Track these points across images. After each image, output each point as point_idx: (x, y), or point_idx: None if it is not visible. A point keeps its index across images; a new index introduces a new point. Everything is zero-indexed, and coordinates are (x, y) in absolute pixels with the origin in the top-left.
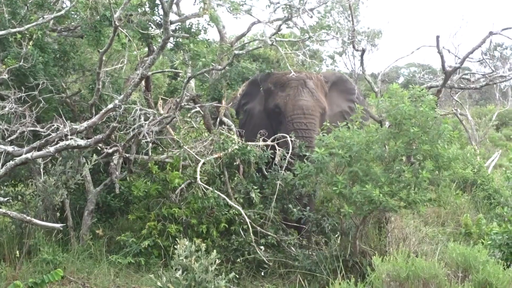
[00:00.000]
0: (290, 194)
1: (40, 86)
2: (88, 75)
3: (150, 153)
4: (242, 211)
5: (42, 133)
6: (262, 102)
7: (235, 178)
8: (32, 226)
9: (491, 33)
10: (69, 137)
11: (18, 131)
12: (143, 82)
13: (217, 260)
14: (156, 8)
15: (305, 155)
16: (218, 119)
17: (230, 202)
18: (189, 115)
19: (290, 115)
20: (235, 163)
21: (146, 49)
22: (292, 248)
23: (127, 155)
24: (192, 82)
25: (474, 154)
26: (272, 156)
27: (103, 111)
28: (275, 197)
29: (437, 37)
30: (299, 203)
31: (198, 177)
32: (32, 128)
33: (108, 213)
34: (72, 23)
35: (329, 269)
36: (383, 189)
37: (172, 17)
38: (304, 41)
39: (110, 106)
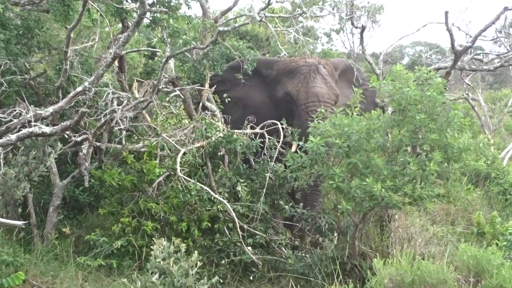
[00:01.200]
0: (281, 188)
1: (1, 66)
2: (55, 54)
3: (124, 142)
4: (228, 206)
5: (3, 119)
6: (265, 91)
7: (220, 170)
8: None
9: (506, 9)
10: (32, 123)
11: None
12: (116, 62)
13: (198, 262)
14: None
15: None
16: (201, 104)
17: (214, 195)
18: (167, 99)
19: (304, 103)
20: (219, 153)
21: (120, 25)
22: (284, 249)
23: (98, 144)
24: (171, 63)
25: (488, 144)
26: (262, 145)
27: (71, 94)
28: (264, 191)
29: (446, 12)
30: (291, 198)
31: (178, 168)
32: None
33: (76, 209)
34: None
35: (324, 273)
36: (386, 183)
37: None
38: (297, 17)
39: (79, 89)
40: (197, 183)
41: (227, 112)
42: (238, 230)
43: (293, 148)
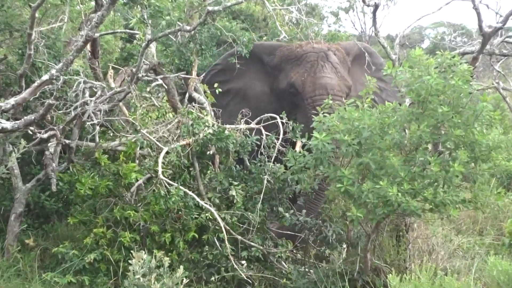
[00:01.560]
0: (281, 193)
1: None
2: (17, 37)
3: (97, 139)
4: (216, 213)
5: None
6: (266, 81)
7: (209, 172)
8: None
9: None
10: None
11: None
12: (88, 46)
13: (184, 279)
14: None
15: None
16: (187, 95)
17: (201, 202)
18: (148, 89)
19: (311, 96)
20: (208, 152)
21: (93, 3)
22: (284, 263)
23: (67, 141)
24: (153, 47)
25: None
26: (258, 143)
27: (36, 84)
28: (261, 196)
29: None
30: (292, 204)
31: (160, 170)
32: None
33: (42, 217)
34: None
35: None
36: (403, 186)
37: None
38: None
39: (45, 77)
40: (182, 188)
41: (224, 105)
42: (226, 241)
43: (297, 148)
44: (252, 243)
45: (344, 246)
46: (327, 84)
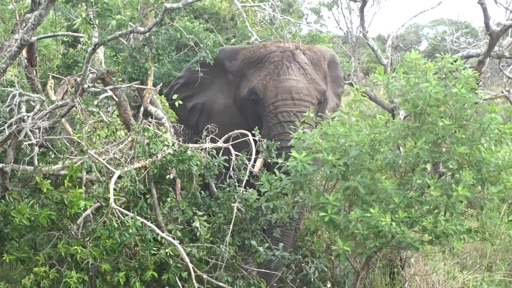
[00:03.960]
0: (254, 224)
1: None
2: None
3: (36, 162)
4: (180, 248)
5: None
6: (229, 91)
7: (169, 200)
8: None
9: None
10: None
11: None
12: (24, 52)
13: None
14: None
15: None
16: (142, 109)
17: (163, 235)
18: (96, 102)
19: (273, 102)
20: (168, 176)
21: (29, 0)
22: None
23: (1, 165)
24: (100, 52)
25: None
26: (227, 165)
27: None
28: (231, 227)
29: None
30: (267, 237)
31: (112, 197)
32: None
33: None
34: None
35: None
36: (397, 214)
37: None
38: None
39: None
40: (138, 218)
41: (194, 124)
42: (194, 281)
43: (257, 166)
44: (220, 283)
45: (329, 285)
46: (291, 87)
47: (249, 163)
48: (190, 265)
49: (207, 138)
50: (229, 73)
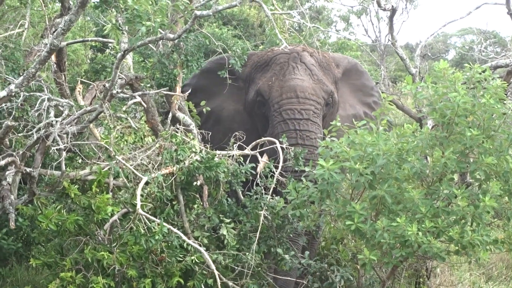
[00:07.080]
0: (280, 232)
1: None
2: None
3: (64, 167)
4: (207, 256)
5: None
6: (239, 97)
7: (196, 206)
8: None
9: None
10: None
11: None
12: (53, 57)
13: None
14: None
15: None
16: (170, 115)
17: (189, 242)
18: (124, 108)
19: (278, 101)
20: (195, 183)
21: (59, 5)
22: None
23: (28, 169)
24: (129, 58)
25: None
26: (254, 173)
27: None
28: (257, 235)
29: None
30: (293, 245)
31: (139, 203)
32: None
33: None
34: None
35: None
36: (424, 224)
37: None
38: None
39: (2, 93)
40: (165, 224)
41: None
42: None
43: (259, 168)
44: None
45: None
46: (296, 86)
47: (276, 171)
48: (216, 272)
49: (234, 145)
50: (239, 80)
